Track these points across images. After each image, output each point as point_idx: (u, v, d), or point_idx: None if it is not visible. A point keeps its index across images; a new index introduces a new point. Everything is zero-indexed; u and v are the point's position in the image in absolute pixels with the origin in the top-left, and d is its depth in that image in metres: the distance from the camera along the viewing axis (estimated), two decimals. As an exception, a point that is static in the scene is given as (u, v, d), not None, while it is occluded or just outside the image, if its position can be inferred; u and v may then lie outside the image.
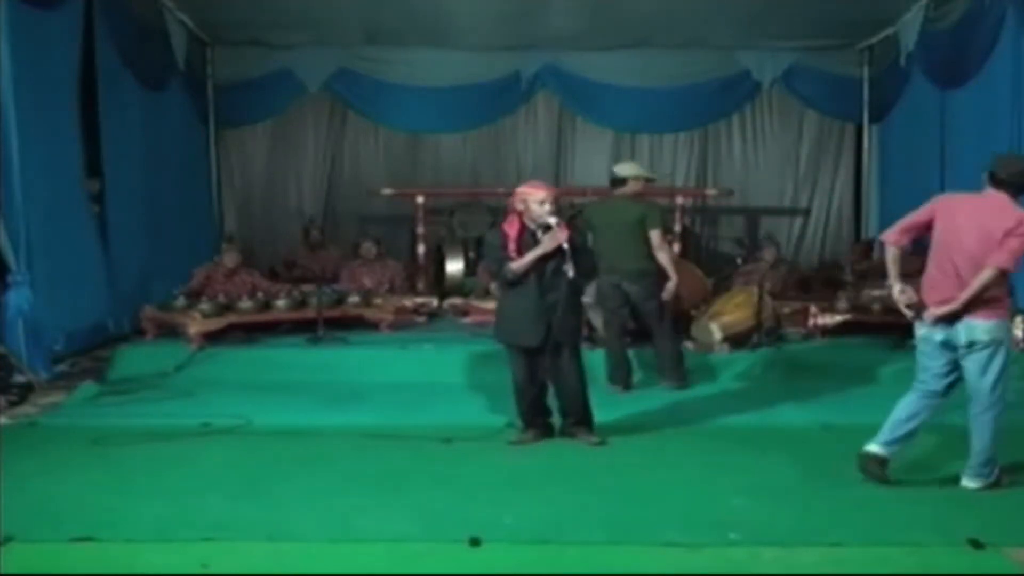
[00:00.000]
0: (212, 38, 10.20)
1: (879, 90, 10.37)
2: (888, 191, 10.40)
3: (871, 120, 10.71)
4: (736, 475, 4.47)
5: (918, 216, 4.28)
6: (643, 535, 3.69)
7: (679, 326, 6.89)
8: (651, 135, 11.19)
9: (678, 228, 9.33)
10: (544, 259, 4.76)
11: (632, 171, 6.48)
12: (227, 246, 8.25)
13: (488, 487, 4.30)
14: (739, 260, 9.66)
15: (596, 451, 4.88)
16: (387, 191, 9.77)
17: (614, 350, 6.33)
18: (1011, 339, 4.15)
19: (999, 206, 4.06)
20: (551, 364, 4.87)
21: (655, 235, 6.18)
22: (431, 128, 11.01)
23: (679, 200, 9.65)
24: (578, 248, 4.81)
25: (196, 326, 6.93)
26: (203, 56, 10.32)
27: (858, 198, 11.16)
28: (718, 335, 6.94)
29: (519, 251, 4.79)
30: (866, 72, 10.57)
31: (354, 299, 7.82)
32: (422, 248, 9.51)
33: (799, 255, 11.07)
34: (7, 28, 6.04)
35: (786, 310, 7.74)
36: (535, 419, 5.03)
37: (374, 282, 8.71)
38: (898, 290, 4.26)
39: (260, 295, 7.52)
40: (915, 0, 8.78)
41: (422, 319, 8.31)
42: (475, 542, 3.55)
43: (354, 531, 3.73)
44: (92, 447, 4.87)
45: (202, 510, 3.94)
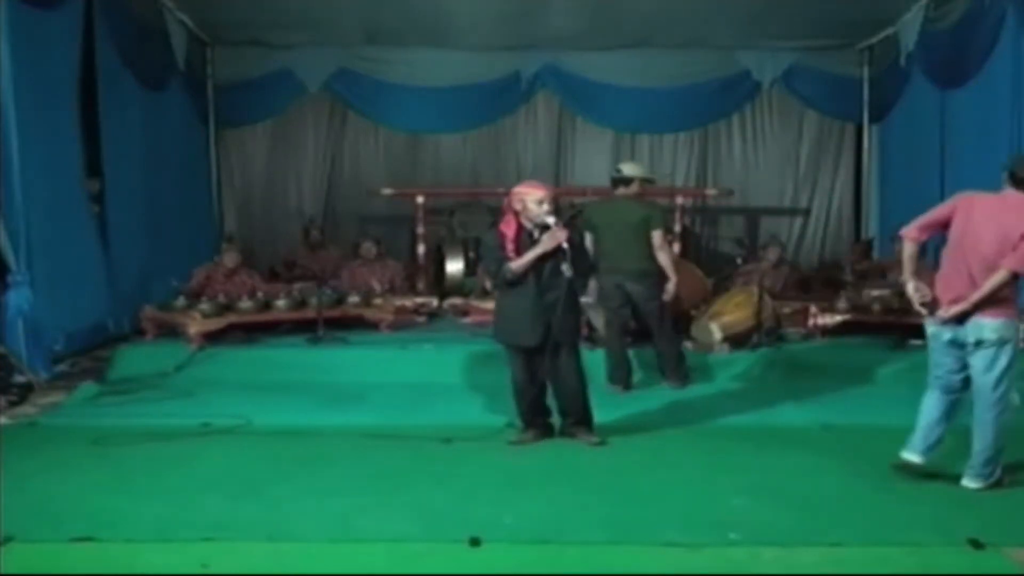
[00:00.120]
0: (212, 38, 10.20)
1: (879, 90, 10.37)
2: (888, 191, 10.40)
3: (871, 120, 10.71)
4: (736, 475, 4.47)
5: (938, 213, 4.27)
6: (643, 535, 3.69)
7: (679, 326, 6.90)
8: (651, 135, 11.19)
9: (678, 228, 9.33)
10: (542, 259, 4.76)
11: (638, 171, 6.50)
12: (227, 246, 8.25)
13: (488, 487, 4.30)
14: (739, 260, 9.66)
15: (596, 451, 4.88)
16: (387, 191, 9.76)
17: (615, 350, 6.33)
18: (1018, 338, 4.11)
19: (1018, 206, 4.03)
20: (550, 364, 4.86)
21: (657, 235, 6.18)
22: (431, 128, 11.01)
23: (679, 200, 9.64)
24: (576, 248, 4.82)
25: (196, 326, 6.94)
26: (203, 56, 10.32)
27: (858, 198, 11.17)
28: (718, 335, 6.94)
29: (517, 251, 4.78)
30: (866, 72, 10.57)
31: (354, 299, 7.83)
32: (422, 248, 9.50)
33: (799, 255, 11.06)
34: (7, 28, 6.05)
35: (786, 310, 7.73)
36: (535, 419, 5.03)
37: (375, 282, 8.70)
38: (912, 287, 4.24)
39: (260, 295, 7.52)
40: (915, 0, 8.79)
41: (422, 319, 8.31)
42: (475, 542, 3.56)
43: (354, 531, 3.73)
44: (92, 447, 4.87)
45: (202, 510, 3.94)
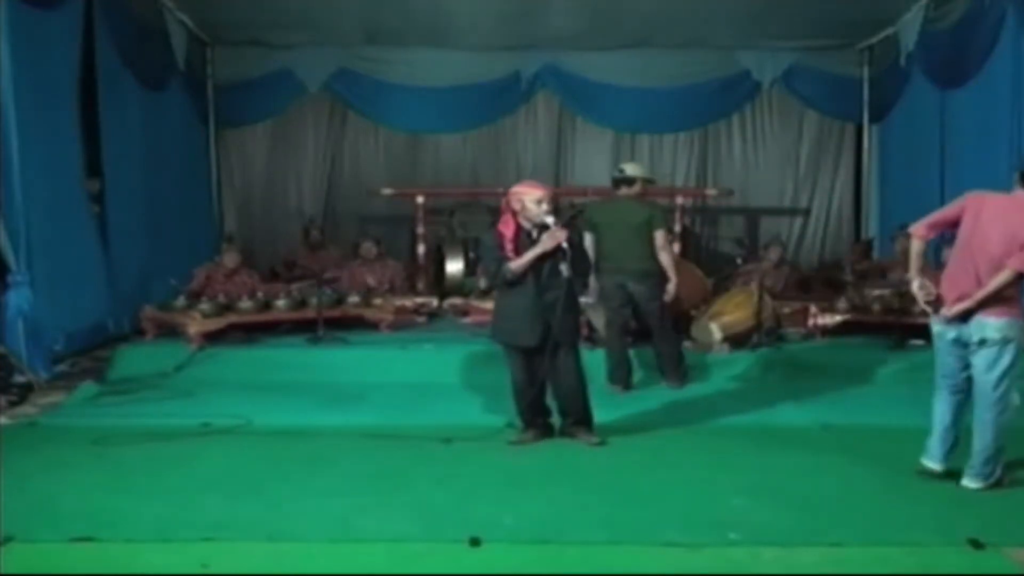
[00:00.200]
0: (212, 38, 10.20)
1: (879, 90, 10.37)
2: (888, 191, 10.40)
3: (871, 120, 10.70)
4: (736, 475, 4.47)
5: (947, 212, 4.28)
6: (643, 535, 3.68)
7: (679, 326, 6.89)
8: (651, 135, 11.20)
9: (678, 228, 9.33)
10: (541, 259, 4.75)
11: (640, 172, 6.50)
12: (227, 246, 8.25)
13: (488, 487, 4.30)
14: (739, 260, 9.66)
15: (596, 451, 4.87)
16: (387, 191, 9.75)
17: (615, 350, 6.33)
18: (1021, 338, 4.10)
19: None
20: (549, 364, 4.85)
21: (660, 235, 6.19)
22: (431, 128, 11.02)
23: (679, 200, 9.64)
24: (576, 248, 4.82)
25: (196, 326, 6.94)
26: (203, 56, 10.32)
27: (858, 198, 11.17)
28: (718, 335, 6.94)
29: (516, 251, 4.78)
30: (866, 72, 10.57)
31: (354, 299, 7.82)
32: (422, 248, 9.50)
33: (799, 255, 11.06)
34: (7, 28, 6.05)
35: (786, 310, 7.74)
36: (535, 419, 5.03)
37: (375, 282, 8.71)
38: (917, 284, 4.25)
39: (260, 295, 7.52)
40: (915, 0, 8.78)
41: (422, 319, 8.31)
42: (475, 542, 3.55)
43: (354, 531, 3.73)
44: (92, 447, 4.87)
45: (202, 510, 3.94)
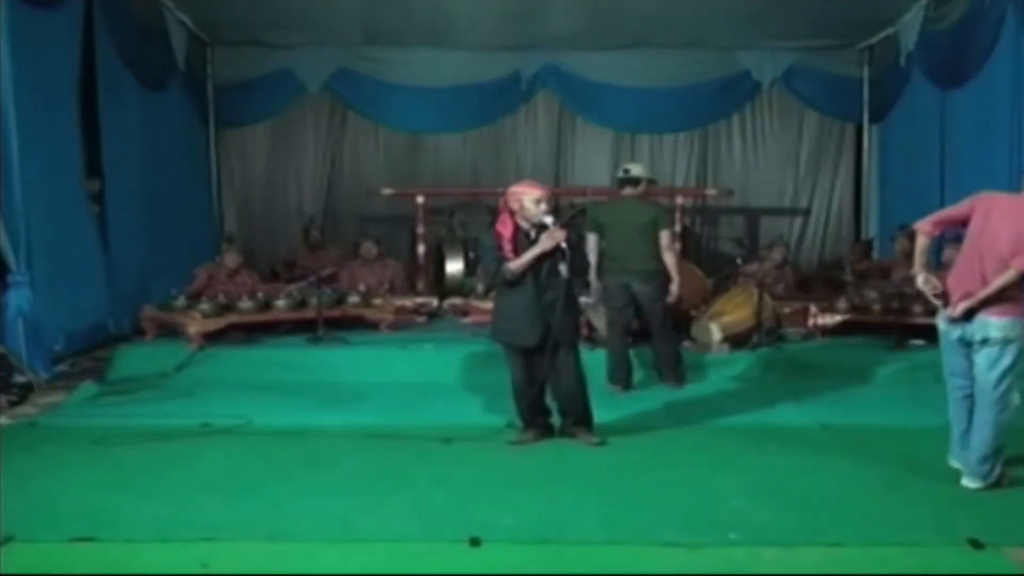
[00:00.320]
0: (212, 38, 10.20)
1: (879, 90, 10.38)
2: (888, 191, 10.40)
3: (871, 120, 10.71)
4: (736, 475, 4.47)
5: (956, 210, 4.30)
6: (643, 535, 3.69)
7: (679, 326, 6.89)
8: (651, 135, 11.20)
9: (678, 228, 9.33)
10: (540, 259, 4.75)
11: (645, 172, 6.50)
12: (227, 246, 8.24)
13: (488, 487, 4.30)
14: (739, 260, 9.66)
15: (596, 451, 4.87)
16: (387, 191, 9.75)
17: (616, 350, 6.33)
18: None
19: None
20: (549, 364, 4.85)
21: (665, 236, 6.19)
22: (431, 128, 11.02)
23: (679, 200, 9.64)
24: (575, 248, 4.83)
25: (196, 326, 6.94)
26: (203, 56, 10.32)
27: (858, 198, 11.17)
28: (718, 335, 6.94)
29: (515, 251, 4.78)
30: (866, 72, 10.58)
31: (354, 299, 7.82)
32: (422, 248, 9.50)
33: (799, 255, 11.06)
34: (7, 28, 6.05)
35: (786, 310, 7.74)
36: (535, 419, 5.03)
37: (375, 281, 8.70)
38: (922, 279, 4.27)
39: (260, 295, 7.52)
40: (915, 0, 8.79)
41: (422, 319, 8.31)
42: (475, 542, 3.56)
43: (354, 531, 3.73)
44: (92, 447, 4.87)
45: (202, 510, 3.94)
